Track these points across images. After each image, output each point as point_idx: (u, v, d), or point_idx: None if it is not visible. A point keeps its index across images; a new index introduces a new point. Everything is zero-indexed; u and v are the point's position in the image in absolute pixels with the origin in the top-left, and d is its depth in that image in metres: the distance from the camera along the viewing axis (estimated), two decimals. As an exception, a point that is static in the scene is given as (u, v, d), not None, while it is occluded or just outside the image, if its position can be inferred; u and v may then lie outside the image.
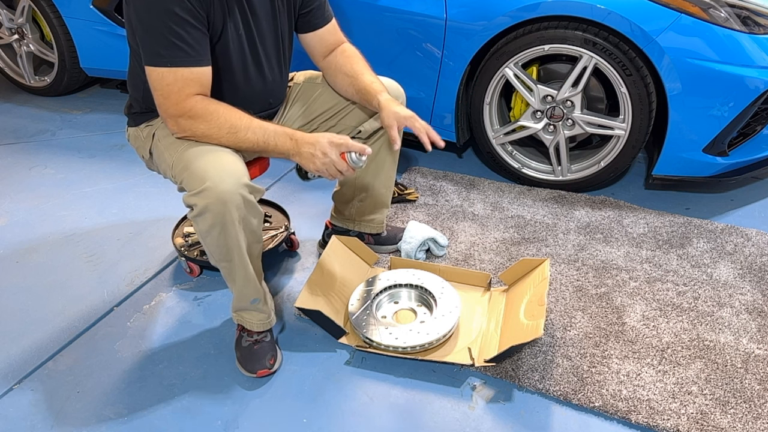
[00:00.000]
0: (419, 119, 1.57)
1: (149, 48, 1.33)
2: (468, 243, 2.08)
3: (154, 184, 2.46)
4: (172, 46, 1.32)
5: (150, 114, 1.56)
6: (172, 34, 1.31)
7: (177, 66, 1.33)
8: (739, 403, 1.48)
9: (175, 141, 1.46)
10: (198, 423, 1.48)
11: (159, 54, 1.32)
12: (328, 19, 1.67)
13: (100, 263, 2.03)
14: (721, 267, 1.95)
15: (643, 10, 1.94)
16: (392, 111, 1.55)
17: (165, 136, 1.50)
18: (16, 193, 2.44)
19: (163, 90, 1.35)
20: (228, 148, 1.42)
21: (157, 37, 1.31)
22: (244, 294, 1.53)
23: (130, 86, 1.59)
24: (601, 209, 2.25)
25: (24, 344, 1.71)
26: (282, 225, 2.05)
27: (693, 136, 2.07)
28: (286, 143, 1.41)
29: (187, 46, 1.33)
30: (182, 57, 1.33)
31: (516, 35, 2.11)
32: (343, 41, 1.71)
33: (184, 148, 1.42)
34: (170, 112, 1.37)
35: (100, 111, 3.15)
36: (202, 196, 1.32)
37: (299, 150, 1.41)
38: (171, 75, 1.34)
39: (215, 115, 1.38)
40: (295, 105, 1.75)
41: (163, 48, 1.32)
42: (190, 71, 1.35)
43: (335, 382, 1.58)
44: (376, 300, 1.76)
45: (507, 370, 1.57)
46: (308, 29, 1.66)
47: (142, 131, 1.58)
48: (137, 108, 1.59)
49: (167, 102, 1.36)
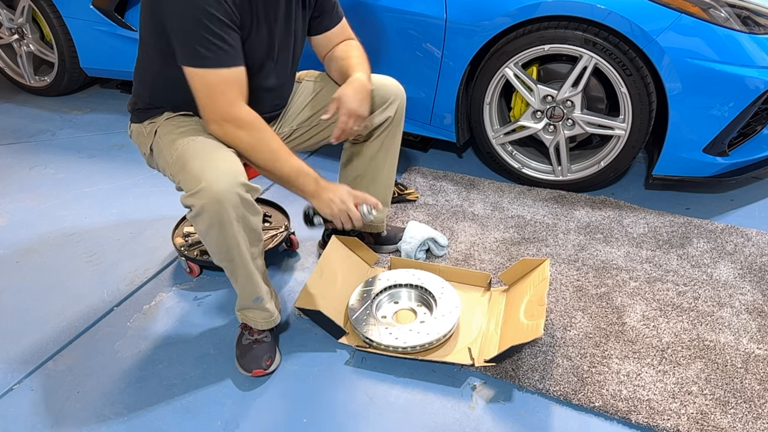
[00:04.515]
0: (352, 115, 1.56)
1: (188, 49, 1.34)
2: (468, 243, 2.08)
3: (154, 184, 2.46)
4: (214, 47, 1.33)
5: (154, 111, 1.56)
6: (213, 35, 1.32)
7: (219, 67, 1.35)
8: (739, 403, 1.48)
9: (175, 140, 1.46)
10: (198, 423, 1.48)
11: (201, 55, 1.33)
12: (338, 20, 1.68)
13: (100, 263, 2.03)
14: (722, 267, 1.94)
15: (643, 10, 1.94)
16: (346, 92, 1.55)
17: (166, 133, 1.51)
18: (16, 193, 2.44)
19: (207, 91, 1.37)
20: (256, 165, 1.46)
21: (197, 39, 1.32)
22: (246, 292, 1.53)
23: (137, 81, 1.59)
24: (601, 209, 2.25)
25: (24, 344, 1.71)
26: (282, 225, 2.05)
27: (693, 136, 2.07)
28: (310, 185, 1.48)
29: (228, 47, 1.35)
30: (224, 57, 1.35)
31: (516, 35, 2.11)
32: (350, 38, 1.72)
33: (183, 147, 1.42)
34: (216, 114, 1.39)
35: (100, 111, 3.15)
36: (198, 196, 1.32)
37: (320, 194, 1.49)
38: (214, 76, 1.35)
39: (262, 133, 1.42)
40: (296, 103, 1.75)
41: (204, 49, 1.33)
42: (230, 71, 1.37)
43: (335, 382, 1.58)
44: (376, 300, 1.76)
45: (507, 370, 1.57)
46: (319, 31, 1.67)
47: (145, 128, 1.58)
48: (141, 104, 1.58)
49: (214, 104, 1.38)
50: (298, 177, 1.47)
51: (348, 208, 1.50)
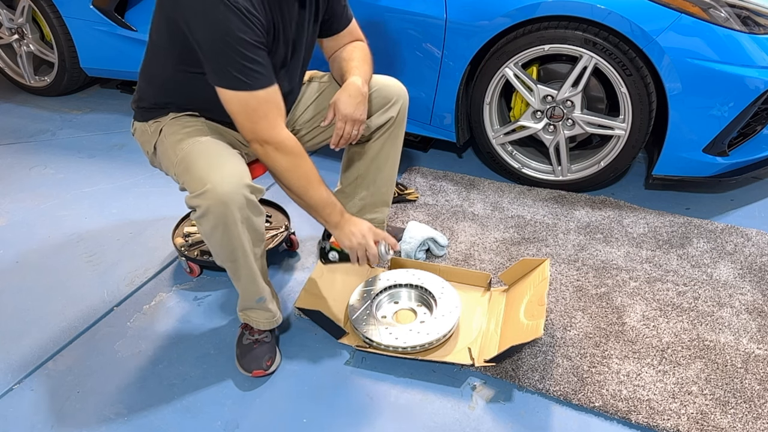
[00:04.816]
0: (347, 121, 1.57)
1: (224, 74, 1.34)
2: (468, 243, 2.08)
3: (154, 184, 2.46)
4: (249, 71, 1.33)
5: (160, 111, 1.55)
6: (246, 59, 1.32)
7: (257, 89, 1.35)
8: (739, 403, 1.48)
9: (181, 140, 1.46)
10: (198, 423, 1.48)
11: (237, 80, 1.33)
12: (347, 22, 1.68)
13: (100, 263, 2.03)
14: (721, 267, 1.94)
15: (643, 10, 1.94)
16: (340, 97, 1.56)
17: (171, 133, 1.51)
18: (16, 193, 2.44)
19: (248, 115, 1.37)
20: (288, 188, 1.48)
21: (232, 65, 1.32)
22: (249, 293, 1.53)
23: (143, 81, 1.58)
24: (601, 209, 2.25)
25: (24, 344, 1.71)
26: (282, 225, 2.05)
27: (693, 136, 2.07)
28: (335, 216, 1.52)
29: (262, 68, 1.35)
30: (260, 79, 1.35)
31: (516, 35, 2.11)
32: (359, 39, 1.72)
33: (188, 148, 1.43)
34: (258, 136, 1.40)
35: (100, 111, 3.15)
36: (203, 197, 1.32)
37: (343, 225, 1.53)
38: (253, 100, 1.36)
39: (300, 159, 1.44)
40: (301, 103, 1.75)
41: (241, 74, 1.33)
42: (267, 92, 1.37)
43: (335, 382, 1.58)
44: (376, 300, 1.76)
45: (507, 370, 1.57)
46: (329, 34, 1.67)
47: (149, 126, 1.58)
48: (146, 104, 1.58)
49: (255, 126, 1.39)
50: (325, 207, 1.50)
51: (367, 242, 1.53)
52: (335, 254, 1.61)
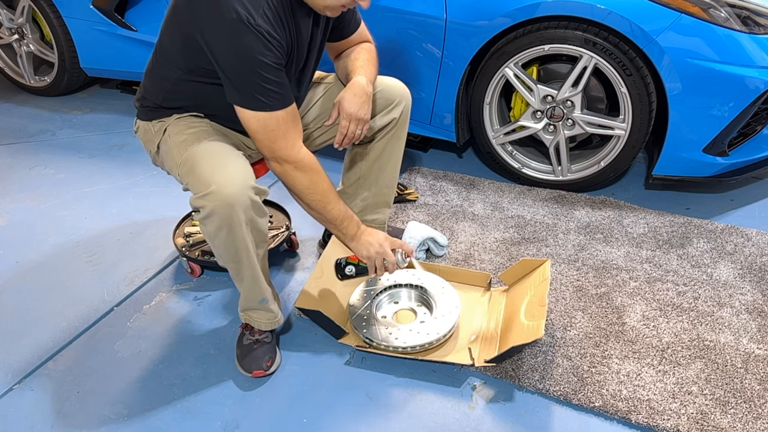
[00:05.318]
0: (351, 119, 1.56)
1: (245, 95, 1.35)
2: (468, 243, 2.08)
3: (154, 184, 2.46)
4: (271, 92, 1.35)
5: (165, 111, 1.55)
6: (268, 82, 1.33)
7: (276, 110, 1.37)
8: (739, 403, 1.48)
9: (185, 140, 1.46)
10: (198, 423, 1.48)
11: (257, 99, 1.35)
12: (356, 26, 1.68)
13: (100, 263, 2.03)
14: (721, 267, 1.94)
15: (643, 10, 1.94)
16: (345, 96, 1.56)
17: (176, 133, 1.50)
18: (16, 193, 2.45)
19: (268, 135, 1.39)
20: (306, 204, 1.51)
21: (254, 88, 1.33)
22: (252, 293, 1.53)
23: (149, 82, 1.57)
24: (601, 209, 2.25)
25: (24, 344, 1.71)
26: (283, 225, 2.05)
27: (693, 136, 2.07)
28: (353, 229, 1.57)
29: (281, 89, 1.37)
30: (279, 99, 1.37)
31: (516, 35, 2.11)
32: (366, 41, 1.72)
33: (193, 148, 1.43)
34: (277, 155, 1.42)
35: (100, 111, 3.15)
36: (208, 199, 1.32)
37: (360, 236, 1.58)
38: (273, 120, 1.38)
39: (318, 176, 1.48)
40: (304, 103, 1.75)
41: (263, 97, 1.34)
42: (285, 112, 1.39)
43: (335, 382, 1.58)
44: (376, 300, 1.76)
45: (507, 370, 1.57)
46: (339, 39, 1.67)
47: (153, 126, 1.57)
48: (151, 103, 1.57)
49: (274, 145, 1.41)
50: (343, 221, 1.55)
51: (385, 251, 1.56)
52: (352, 268, 1.62)
